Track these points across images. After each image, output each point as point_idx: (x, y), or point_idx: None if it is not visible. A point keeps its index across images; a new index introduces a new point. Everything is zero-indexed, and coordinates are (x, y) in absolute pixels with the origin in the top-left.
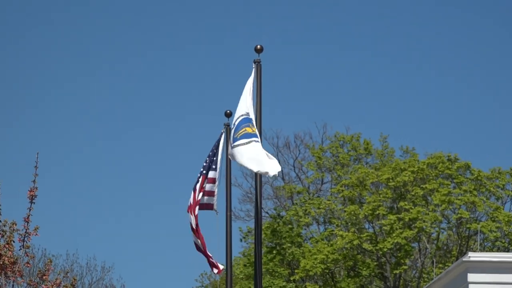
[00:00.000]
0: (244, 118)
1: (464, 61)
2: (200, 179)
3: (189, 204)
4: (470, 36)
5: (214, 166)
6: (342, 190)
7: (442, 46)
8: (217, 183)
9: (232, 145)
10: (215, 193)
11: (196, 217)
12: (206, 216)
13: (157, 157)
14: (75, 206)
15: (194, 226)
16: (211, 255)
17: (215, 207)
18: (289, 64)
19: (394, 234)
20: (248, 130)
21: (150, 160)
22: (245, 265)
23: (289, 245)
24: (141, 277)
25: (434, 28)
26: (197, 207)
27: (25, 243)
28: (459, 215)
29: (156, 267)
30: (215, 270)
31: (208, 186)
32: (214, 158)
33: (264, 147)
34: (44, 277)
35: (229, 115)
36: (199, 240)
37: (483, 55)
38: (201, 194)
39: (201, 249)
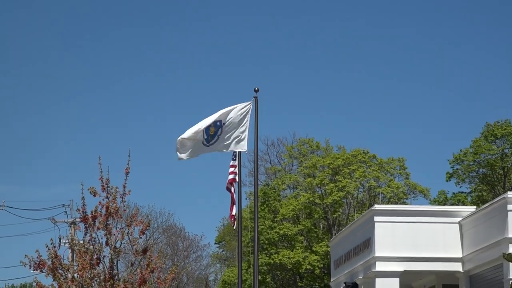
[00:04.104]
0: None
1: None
2: (231, 164)
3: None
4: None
5: (234, 158)
6: (303, 170)
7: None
8: (236, 167)
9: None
10: (236, 172)
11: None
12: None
13: None
14: (151, 176)
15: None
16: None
17: (237, 180)
18: (275, 97)
19: (332, 194)
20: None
21: None
22: (250, 212)
23: (273, 201)
24: (192, 219)
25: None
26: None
27: (123, 199)
28: (369, 184)
29: (201, 214)
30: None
31: (232, 169)
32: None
33: (259, 147)
34: (133, 218)
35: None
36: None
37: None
38: (231, 175)
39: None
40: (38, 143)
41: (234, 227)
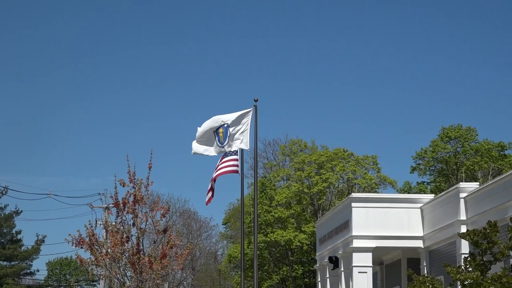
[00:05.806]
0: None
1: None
2: (228, 158)
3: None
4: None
5: (235, 154)
6: (294, 165)
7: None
8: (238, 160)
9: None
10: (238, 165)
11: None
12: (233, 176)
13: None
14: (171, 167)
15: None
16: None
17: (238, 171)
18: (270, 106)
19: (318, 185)
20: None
21: None
22: (250, 199)
23: (269, 190)
24: (203, 204)
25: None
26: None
27: (147, 188)
28: (348, 176)
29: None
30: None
31: (234, 162)
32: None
33: (258, 146)
34: (155, 204)
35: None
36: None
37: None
38: (230, 167)
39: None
40: (77, 142)
41: (207, 205)
